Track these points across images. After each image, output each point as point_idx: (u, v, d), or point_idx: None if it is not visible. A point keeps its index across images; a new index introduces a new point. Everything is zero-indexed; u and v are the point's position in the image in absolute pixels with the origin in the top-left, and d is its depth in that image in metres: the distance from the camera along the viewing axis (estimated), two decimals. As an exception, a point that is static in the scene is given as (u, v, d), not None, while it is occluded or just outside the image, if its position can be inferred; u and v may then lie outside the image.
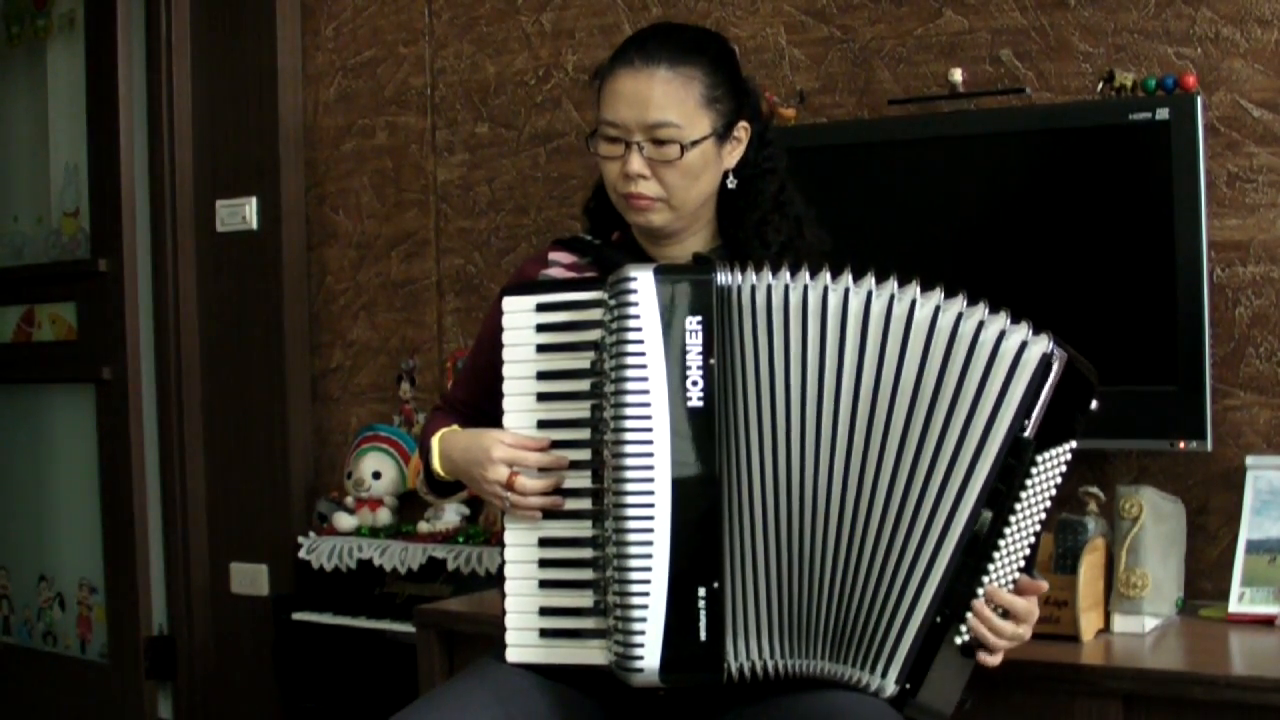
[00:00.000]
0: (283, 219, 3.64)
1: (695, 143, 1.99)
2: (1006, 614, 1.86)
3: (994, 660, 1.87)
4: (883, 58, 2.90)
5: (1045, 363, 1.85)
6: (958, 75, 2.73)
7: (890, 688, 1.85)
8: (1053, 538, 2.38)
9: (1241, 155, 2.58)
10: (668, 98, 1.97)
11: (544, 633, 1.93)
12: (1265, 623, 2.36)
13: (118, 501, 3.78)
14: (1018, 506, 1.85)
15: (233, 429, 3.73)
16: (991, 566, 1.85)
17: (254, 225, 3.68)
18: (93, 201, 3.84)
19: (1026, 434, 1.84)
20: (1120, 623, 2.34)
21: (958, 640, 1.86)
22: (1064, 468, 1.87)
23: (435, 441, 2.08)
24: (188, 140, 3.75)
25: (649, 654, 1.83)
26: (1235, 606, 2.40)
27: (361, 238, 3.62)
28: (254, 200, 3.68)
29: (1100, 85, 2.61)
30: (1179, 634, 2.36)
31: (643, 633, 1.83)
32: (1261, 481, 2.47)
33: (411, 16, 3.53)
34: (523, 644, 1.93)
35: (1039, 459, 1.85)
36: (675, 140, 1.98)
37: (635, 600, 1.84)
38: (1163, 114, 2.48)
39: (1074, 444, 1.87)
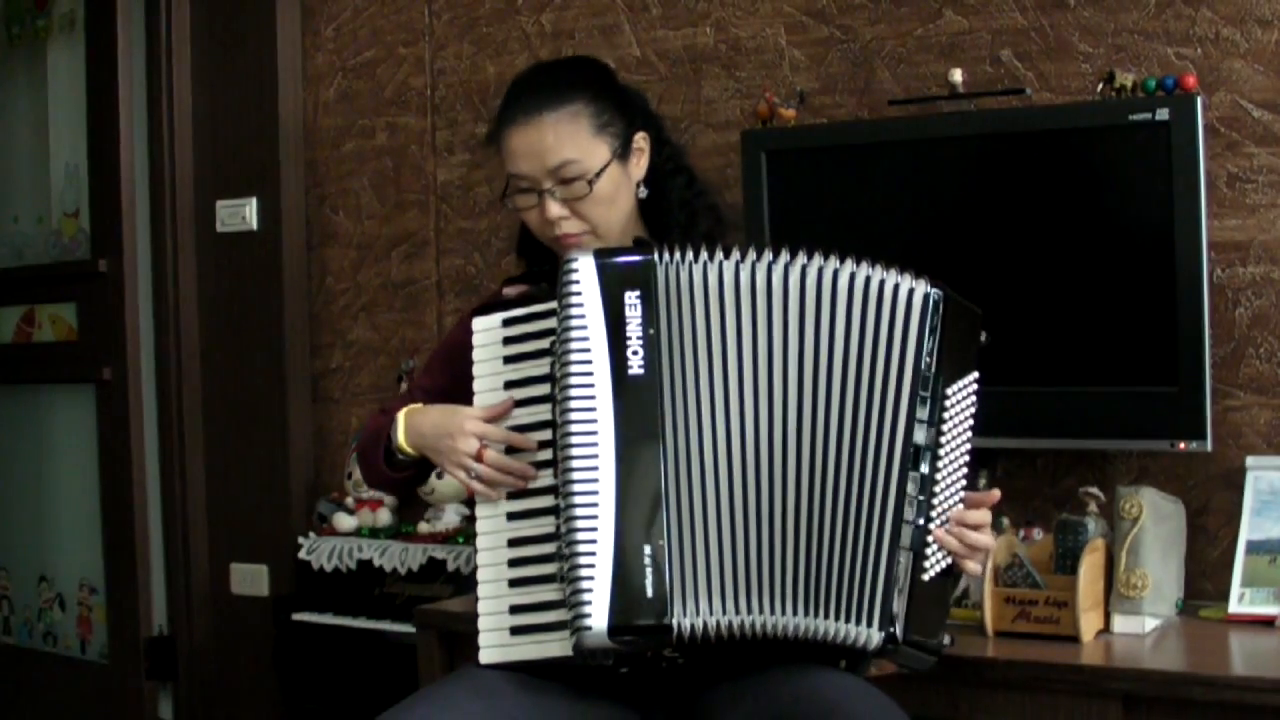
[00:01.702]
0: (283, 219, 3.64)
1: (600, 172, 2.08)
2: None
3: (976, 569, 1.99)
4: (883, 58, 2.90)
5: (929, 302, 1.95)
6: (958, 76, 2.73)
7: (876, 637, 1.88)
8: (1053, 538, 2.38)
9: (1241, 156, 2.58)
10: (560, 139, 2.08)
11: (515, 630, 1.95)
12: (1265, 623, 2.36)
13: (118, 501, 3.78)
14: (942, 439, 1.93)
15: (233, 429, 3.73)
16: (935, 500, 1.92)
17: (254, 225, 3.68)
18: (93, 201, 3.83)
19: (930, 369, 1.93)
20: (1120, 623, 2.34)
21: (925, 577, 1.90)
22: (974, 398, 1.98)
23: (401, 416, 2.10)
24: (188, 140, 3.75)
25: (596, 615, 1.85)
26: (1235, 607, 2.40)
27: (361, 238, 3.62)
28: (254, 200, 3.68)
29: (1100, 86, 2.61)
30: (1179, 634, 2.36)
31: (590, 590, 1.85)
32: (1261, 482, 2.47)
33: (411, 17, 3.53)
34: (494, 644, 1.96)
35: (948, 392, 1.94)
36: (580, 176, 2.08)
37: (582, 561, 1.86)
38: (1163, 114, 2.48)
39: (976, 374, 1.99)
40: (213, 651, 3.77)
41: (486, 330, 2.03)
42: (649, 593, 1.86)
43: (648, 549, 1.87)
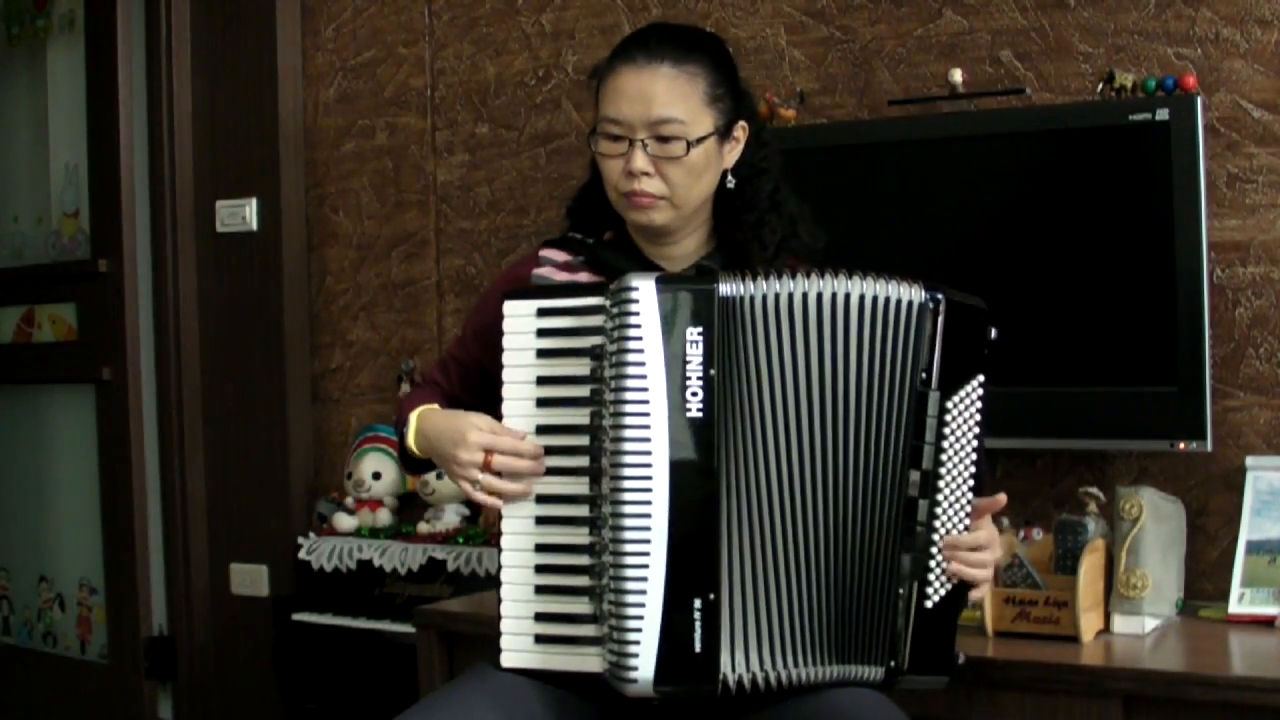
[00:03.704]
0: (283, 219, 3.64)
1: (700, 140, 2.00)
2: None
3: (980, 592, 1.95)
4: (883, 58, 2.90)
5: (925, 311, 1.90)
6: (958, 76, 2.73)
7: (878, 673, 1.88)
8: (1053, 538, 2.38)
9: (1241, 156, 2.58)
10: (672, 94, 1.99)
11: (539, 638, 1.92)
12: (1265, 623, 2.36)
13: (118, 501, 3.78)
14: (944, 457, 1.90)
15: (233, 429, 3.73)
16: (938, 523, 1.90)
17: (254, 225, 3.68)
18: (93, 201, 3.83)
19: (929, 385, 1.89)
20: (1120, 623, 2.34)
21: (928, 604, 1.89)
22: (980, 403, 1.92)
23: (414, 418, 2.08)
24: (188, 140, 3.75)
25: (643, 664, 1.83)
26: (1235, 607, 2.40)
27: (361, 238, 3.62)
28: (254, 200, 3.67)
29: (1100, 86, 2.61)
30: (1179, 634, 2.36)
31: (637, 643, 1.83)
32: (1261, 482, 2.47)
33: (411, 17, 3.53)
34: (517, 649, 1.93)
35: (949, 405, 1.90)
36: (680, 137, 1.99)
37: (630, 610, 1.83)
38: (1163, 114, 2.48)
39: (982, 377, 1.92)
40: (212, 651, 3.77)
41: (519, 317, 1.95)
42: (697, 647, 1.84)
43: (698, 601, 1.84)
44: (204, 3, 3.74)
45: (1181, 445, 2.49)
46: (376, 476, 3.40)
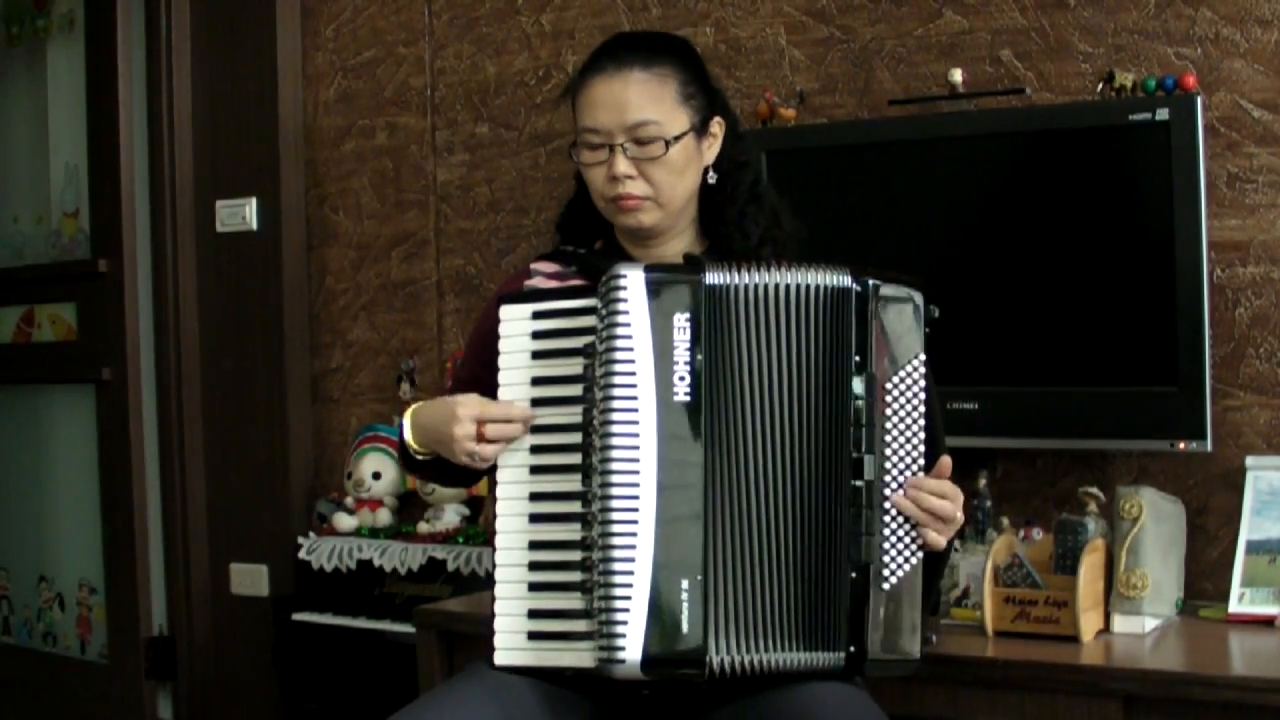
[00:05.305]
0: (283, 219, 3.64)
1: (677, 138, 2.04)
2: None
3: (940, 540, 1.92)
4: (883, 58, 2.91)
5: (847, 298, 1.91)
6: (958, 75, 2.73)
7: (839, 659, 1.88)
8: (1053, 538, 2.38)
9: (1241, 155, 2.58)
10: (645, 97, 2.03)
11: (532, 635, 1.93)
12: (1265, 623, 2.36)
13: (118, 501, 3.78)
14: (889, 439, 1.91)
15: (233, 429, 3.73)
16: (888, 504, 1.90)
17: (254, 225, 3.68)
18: (93, 201, 3.84)
19: (863, 368, 1.90)
20: (1120, 623, 2.34)
21: (886, 586, 1.89)
22: (922, 382, 1.93)
23: (407, 416, 2.11)
24: (188, 140, 3.75)
25: (631, 646, 1.84)
26: (1235, 607, 2.41)
27: (361, 238, 3.62)
28: (254, 200, 3.68)
29: (1100, 85, 2.61)
30: (1179, 634, 2.36)
31: (625, 623, 1.84)
32: (1261, 482, 2.47)
33: (411, 17, 3.53)
34: (510, 647, 1.94)
35: (889, 385, 1.91)
36: (658, 137, 2.03)
37: (618, 592, 1.84)
38: (1163, 114, 2.48)
39: (923, 356, 1.93)
40: (213, 651, 3.77)
41: (514, 320, 1.98)
42: (685, 628, 1.85)
43: (685, 582, 1.85)
44: (204, 3, 3.74)
45: (1181, 445, 2.49)
46: (376, 476, 3.41)
